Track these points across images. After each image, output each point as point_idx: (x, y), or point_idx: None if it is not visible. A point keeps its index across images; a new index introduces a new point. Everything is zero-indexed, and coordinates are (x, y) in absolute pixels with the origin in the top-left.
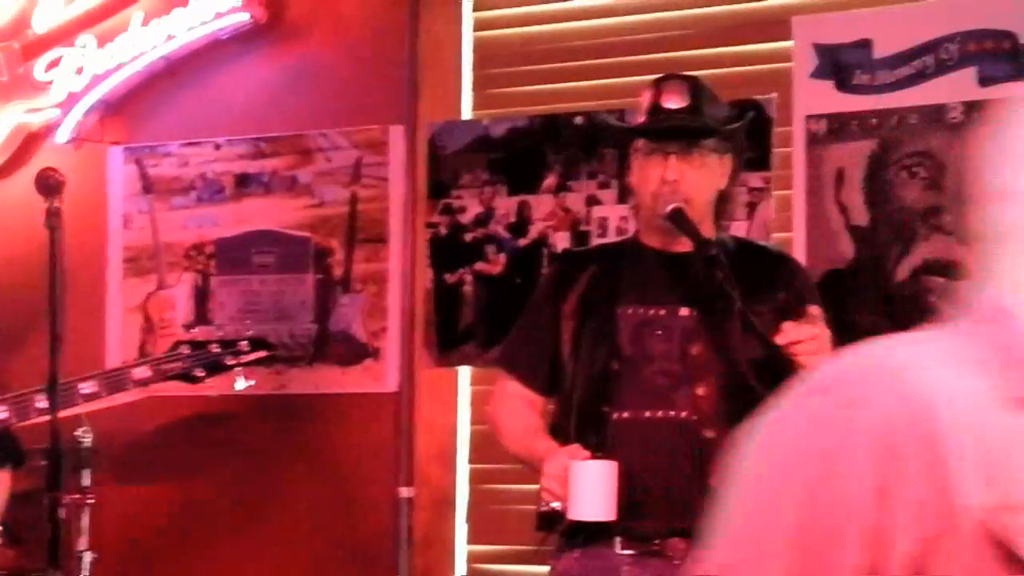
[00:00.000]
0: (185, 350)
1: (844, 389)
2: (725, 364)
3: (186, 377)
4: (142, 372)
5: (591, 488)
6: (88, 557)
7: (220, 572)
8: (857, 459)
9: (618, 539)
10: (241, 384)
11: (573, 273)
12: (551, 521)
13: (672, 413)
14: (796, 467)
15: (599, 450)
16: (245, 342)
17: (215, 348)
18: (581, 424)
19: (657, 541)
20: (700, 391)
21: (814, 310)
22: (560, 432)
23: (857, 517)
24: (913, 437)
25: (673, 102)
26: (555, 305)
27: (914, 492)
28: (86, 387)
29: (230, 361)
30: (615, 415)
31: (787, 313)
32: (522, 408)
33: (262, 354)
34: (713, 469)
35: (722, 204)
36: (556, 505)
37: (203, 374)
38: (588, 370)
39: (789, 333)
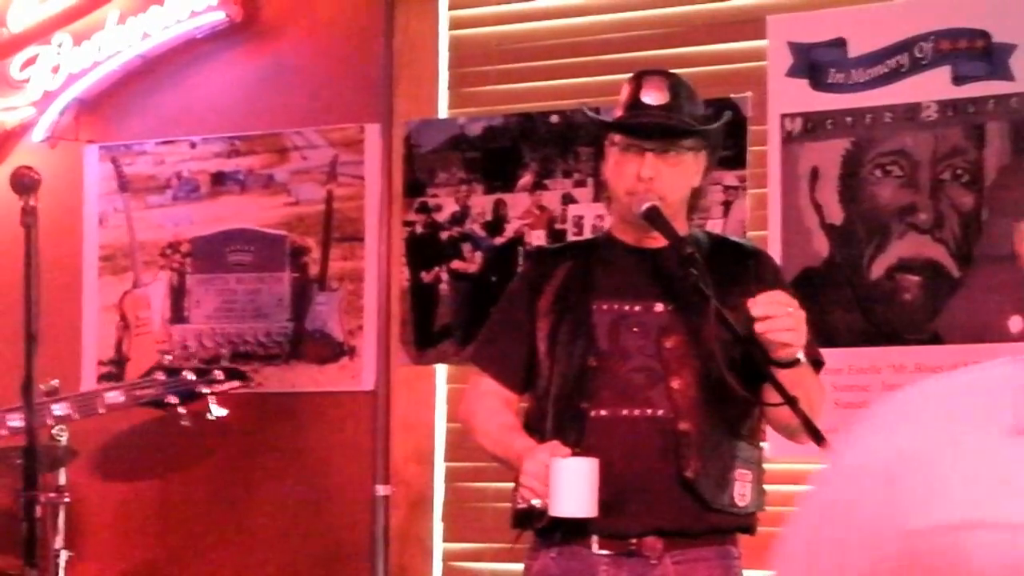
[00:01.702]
0: (160, 376)
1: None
2: (700, 358)
3: (158, 404)
4: (115, 397)
5: (573, 485)
6: (64, 556)
7: (196, 570)
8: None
9: (595, 538)
10: (215, 412)
11: (547, 270)
12: (527, 518)
13: (649, 411)
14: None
15: (577, 447)
16: (220, 371)
17: (189, 375)
18: (559, 421)
19: (634, 540)
20: (675, 384)
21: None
22: (535, 430)
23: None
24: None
25: (652, 97)
26: (530, 302)
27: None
28: (59, 408)
29: (204, 389)
30: (593, 412)
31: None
32: (497, 406)
33: (236, 384)
34: (688, 462)
35: (694, 200)
36: (536, 503)
37: (176, 401)
38: (565, 367)
39: (760, 302)
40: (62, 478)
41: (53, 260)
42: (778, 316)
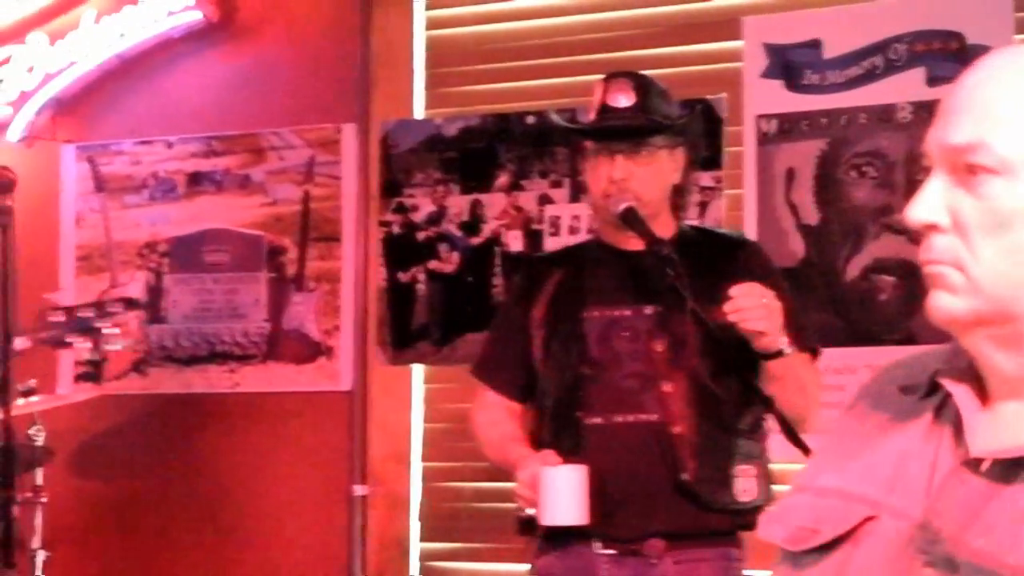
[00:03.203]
0: (57, 316)
1: None
2: (691, 359)
3: (61, 342)
4: (21, 343)
5: (560, 493)
6: (41, 556)
7: (173, 570)
8: None
9: (597, 541)
10: (117, 344)
11: (540, 279)
12: (530, 526)
13: (642, 416)
14: None
15: (573, 455)
16: (115, 303)
17: (85, 311)
18: (555, 430)
19: (635, 543)
20: (667, 388)
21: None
22: (538, 438)
23: None
24: None
25: (618, 100)
26: (524, 313)
27: None
28: None
29: (101, 323)
30: (588, 420)
31: None
32: (500, 417)
33: (132, 314)
34: (684, 465)
35: (679, 198)
36: (531, 512)
37: (76, 338)
38: (559, 376)
39: (736, 297)
40: (39, 478)
41: (30, 260)
42: (750, 306)
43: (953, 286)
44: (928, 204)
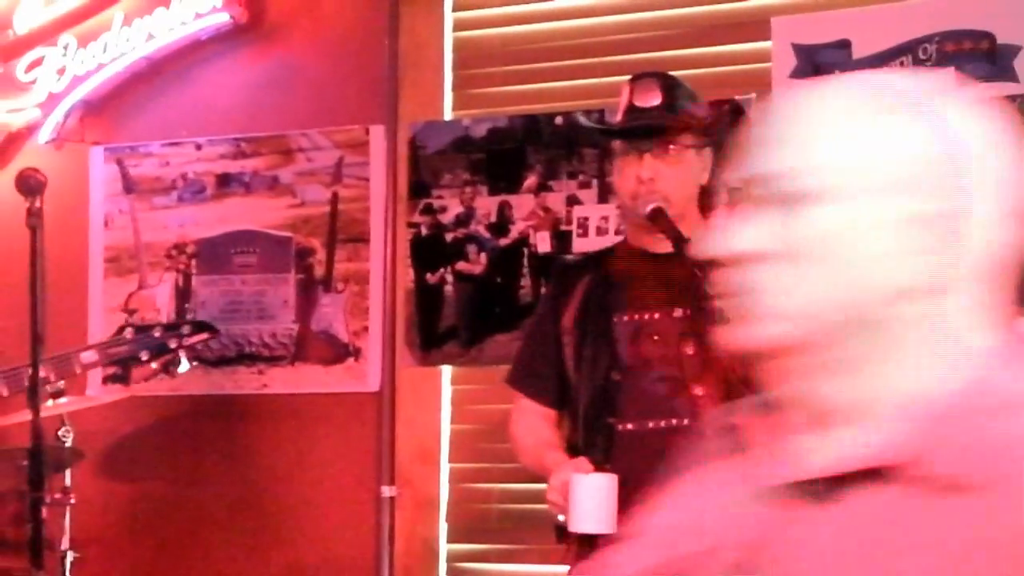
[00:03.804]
0: (130, 334)
1: None
2: (722, 361)
3: (132, 360)
4: (89, 356)
5: (589, 501)
6: (70, 557)
7: (201, 571)
8: None
9: None
10: (184, 367)
11: (569, 285)
12: (566, 532)
13: (674, 422)
14: None
15: (607, 462)
16: (187, 325)
17: (158, 332)
18: (588, 436)
19: None
20: (698, 391)
21: None
22: (573, 445)
23: None
24: None
25: (645, 100)
26: (555, 320)
27: None
28: None
29: (173, 344)
30: (620, 427)
31: None
32: (536, 424)
33: (204, 336)
34: None
35: (707, 198)
36: (561, 518)
37: (147, 357)
38: (591, 383)
39: None
40: (68, 479)
41: (58, 261)
42: None
43: (771, 314)
44: (743, 233)
